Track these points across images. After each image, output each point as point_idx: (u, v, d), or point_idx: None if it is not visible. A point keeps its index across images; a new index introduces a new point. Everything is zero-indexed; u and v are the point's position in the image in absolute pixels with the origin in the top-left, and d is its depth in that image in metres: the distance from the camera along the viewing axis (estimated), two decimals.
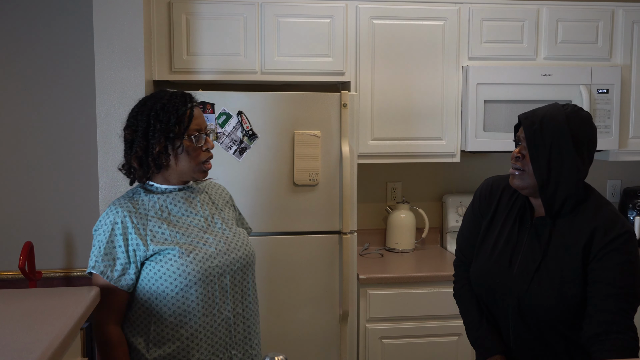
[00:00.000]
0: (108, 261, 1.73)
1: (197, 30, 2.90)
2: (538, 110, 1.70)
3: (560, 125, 1.64)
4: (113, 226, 1.74)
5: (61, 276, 3.22)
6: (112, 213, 1.76)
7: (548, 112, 1.67)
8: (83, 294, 1.66)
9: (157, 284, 1.73)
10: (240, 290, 1.85)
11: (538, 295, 1.68)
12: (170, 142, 1.75)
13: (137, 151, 1.75)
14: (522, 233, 1.76)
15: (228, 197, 2.03)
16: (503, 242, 1.78)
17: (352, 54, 3.03)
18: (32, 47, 3.16)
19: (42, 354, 1.27)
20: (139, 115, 1.77)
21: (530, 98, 3.08)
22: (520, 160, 1.70)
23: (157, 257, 1.73)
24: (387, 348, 2.87)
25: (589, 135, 1.69)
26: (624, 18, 3.18)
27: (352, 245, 2.76)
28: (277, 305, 2.72)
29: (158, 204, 1.79)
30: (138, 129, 1.76)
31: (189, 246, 1.75)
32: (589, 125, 1.68)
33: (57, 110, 3.20)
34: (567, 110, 1.66)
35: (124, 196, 1.83)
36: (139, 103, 1.82)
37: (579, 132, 1.66)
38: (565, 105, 1.70)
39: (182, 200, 1.82)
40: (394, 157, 3.12)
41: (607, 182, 3.68)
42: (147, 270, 1.74)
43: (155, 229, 1.75)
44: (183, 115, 1.76)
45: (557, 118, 1.65)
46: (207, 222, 1.84)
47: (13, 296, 1.71)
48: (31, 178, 3.21)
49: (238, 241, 1.86)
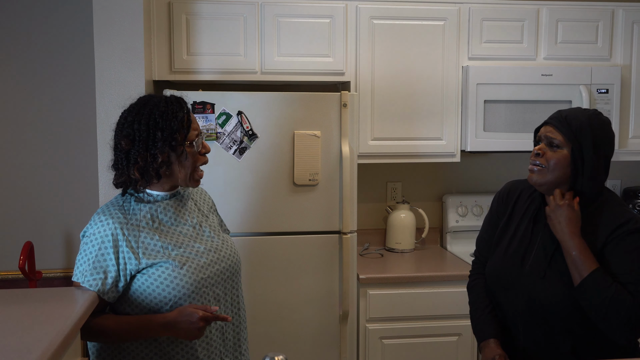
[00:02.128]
0: (98, 274, 1.68)
1: (197, 30, 2.90)
2: (562, 111, 1.78)
3: (583, 124, 1.71)
4: (103, 239, 1.69)
5: (61, 276, 3.22)
6: (102, 224, 1.71)
7: (571, 112, 1.75)
8: (83, 294, 1.66)
9: (150, 297, 1.70)
10: (230, 297, 1.85)
11: (548, 290, 1.70)
12: (174, 150, 1.71)
13: (138, 161, 1.69)
14: (536, 232, 1.80)
15: (211, 202, 2.00)
16: (518, 241, 1.82)
17: (352, 54, 3.03)
18: (32, 47, 3.17)
19: (42, 354, 1.27)
20: (136, 124, 1.70)
21: (530, 98, 3.08)
22: (540, 157, 1.75)
23: (149, 270, 1.70)
24: (387, 348, 2.87)
25: (609, 137, 1.75)
26: (624, 18, 3.18)
27: (352, 245, 2.76)
28: (277, 306, 2.72)
29: (149, 213, 1.75)
30: (136, 138, 1.69)
31: (182, 257, 1.73)
32: (609, 128, 1.76)
33: (57, 110, 3.20)
34: (589, 113, 1.75)
35: (113, 204, 1.78)
36: (132, 110, 1.74)
37: (600, 132, 1.73)
38: (587, 109, 1.79)
39: (172, 210, 1.78)
40: (394, 157, 3.12)
41: (607, 182, 3.67)
42: (140, 283, 1.71)
43: (147, 241, 1.71)
44: (182, 120, 1.71)
45: (579, 118, 1.72)
46: (195, 230, 1.81)
47: (13, 296, 1.71)
48: (31, 178, 3.21)
49: (227, 249, 1.85)
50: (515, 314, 1.80)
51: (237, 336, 1.88)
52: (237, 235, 2.63)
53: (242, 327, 1.91)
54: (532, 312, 1.75)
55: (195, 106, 2.60)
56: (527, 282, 1.75)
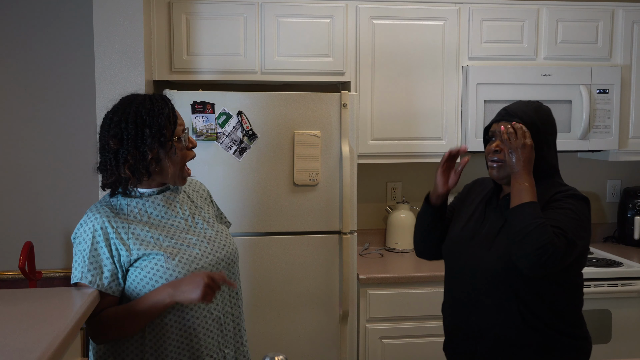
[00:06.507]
0: (95, 270, 1.68)
1: (197, 30, 2.90)
2: (508, 107, 1.91)
3: (532, 117, 1.86)
4: (94, 233, 1.70)
5: (61, 276, 3.22)
6: (89, 220, 1.72)
7: (518, 107, 1.89)
8: (83, 294, 1.66)
9: (144, 289, 1.70)
10: (227, 288, 1.84)
11: (495, 256, 1.82)
12: (162, 146, 1.71)
13: (128, 160, 1.69)
14: (488, 212, 1.94)
15: (206, 193, 2.00)
16: (473, 221, 1.96)
17: (352, 54, 3.03)
18: (32, 47, 3.17)
19: (42, 354, 1.27)
20: (123, 123, 1.70)
21: (530, 98, 3.06)
22: (499, 153, 1.85)
23: (141, 262, 1.70)
24: (387, 348, 2.87)
25: (553, 125, 1.91)
26: (624, 18, 3.19)
27: (352, 245, 2.76)
28: (277, 305, 2.72)
29: (137, 208, 1.76)
30: (124, 137, 1.69)
31: (173, 249, 1.73)
32: (552, 116, 1.91)
33: (57, 110, 3.20)
34: (534, 105, 1.90)
35: (100, 202, 1.78)
36: (117, 111, 1.74)
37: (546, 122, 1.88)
38: (529, 101, 1.93)
39: (162, 204, 1.79)
40: (394, 157, 3.12)
41: (607, 182, 3.68)
42: (133, 277, 1.70)
43: (137, 232, 1.71)
44: (169, 116, 1.73)
45: (527, 111, 1.87)
46: (187, 223, 1.81)
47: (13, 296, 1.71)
48: (31, 178, 3.21)
49: (221, 240, 1.85)
50: (465, 283, 1.91)
51: (237, 327, 1.87)
52: (237, 235, 2.63)
53: (240, 318, 1.90)
54: (479, 279, 1.86)
55: (195, 106, 2.60)
56: (475, 253, 1.88)
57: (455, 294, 1.98)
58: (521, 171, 1.77)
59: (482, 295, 1.86)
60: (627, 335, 2.98)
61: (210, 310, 1.77)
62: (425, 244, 2.09)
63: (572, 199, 1.79)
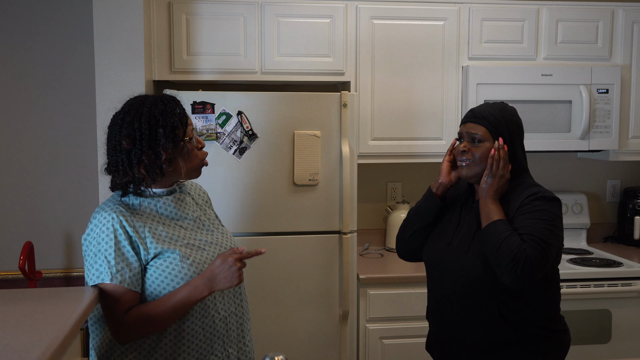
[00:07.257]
0: (122, 269, 1.68)
1: (197, 30, 2.90)
2: (475, 109, 1.95)
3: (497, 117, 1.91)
4: (114, 233, 1.69)
5: (61, 276, 3.22)
6: (105, 220, 1.70)
7: (485, 108, 1.94)
8: (83, 294, 1.66)
9: (158, 288, 1.71)
10: (233, 289, 1.86)
11: (471, 262, 1.86)
12: (176, 146, 1.73)
13: (143, 160, 1.70)
14: (464, 215, 1.98)
15: (206, 197, 2.03)
16: (450, 224, 1.99)
17: (352, 54, 3.03)
18: (32, 47, 3.17)
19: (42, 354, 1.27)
20: (136, 123, 1.71)
21: (530, 98, 3.08)
22: (467, 153, 1.92)
23: (157, 261, 1.71)
24: (387, 348, 2.87)
25: (519, 125, 1.96)
26: (624, 18, 3.19)
27: (352, 245, 2.76)
28: (277, 305, 2.72)
29: (149, 208, 1.77)
30: (137, 137, 1.70)
31: (186, 249, 1.75)
32: (517, 116, 1.96)
33: (57, 110, 3.20)
34: (499, 106, 1.95)
35: (112, 201, 1.77)
36: (129, 111, 1.74)
37: (512, 122, 1.93)
38: (494, 102, 1.99)
39: (172, 204, 1.81)
40: (394, 157, 3.12)
41: (607, 182, 3.68)
42: (153, 277, 1.71)
43: (153, 230, 1.73)
44: (180, 117, 1.76)
45: (493, 112, 1.92)
46: (196, 224, 1.85)
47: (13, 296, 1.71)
48: (31, 178, 3.21)
49: (227, 242, 1.89)
50: (445, 287, 1.94)
51: (241, 327, 1.88)
52: (237, 235, 2.63)
53: (245, 318, 1.91)
54: (459, 283, 1.90)
55: (195, 106, 2.60)
56: (452, 257, 1.92)
57: (437, 298, 2.01)
58: (491, 197, 1.85)
59: (462, 299, 1.89)
60: (627, 335, 2.98)
61: (218, 311, 1.79)
62: (414, 242, 2.07)
63: (541, 201, 1.84)
